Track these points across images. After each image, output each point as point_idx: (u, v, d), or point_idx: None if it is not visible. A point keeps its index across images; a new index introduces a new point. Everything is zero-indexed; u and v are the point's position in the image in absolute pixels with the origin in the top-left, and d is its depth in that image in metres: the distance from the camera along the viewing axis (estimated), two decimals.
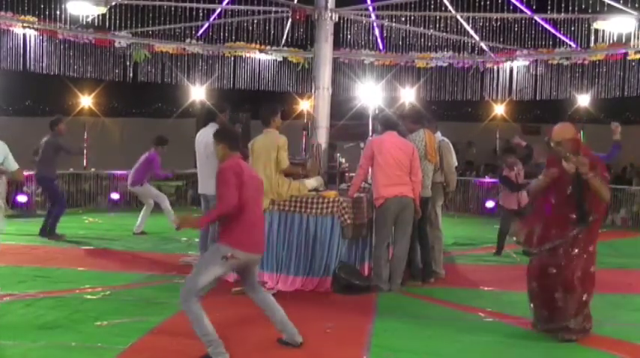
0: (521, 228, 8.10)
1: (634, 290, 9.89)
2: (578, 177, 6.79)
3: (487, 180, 20.89)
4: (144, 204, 14.28)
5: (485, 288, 9.68)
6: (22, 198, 17.61)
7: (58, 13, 14.81)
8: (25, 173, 15.58)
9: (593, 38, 15.45)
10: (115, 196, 19.34)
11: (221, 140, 6.52)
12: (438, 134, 10.56)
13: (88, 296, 8.62)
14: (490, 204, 19.85)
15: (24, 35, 14.82)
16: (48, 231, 13.34)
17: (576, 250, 6.99)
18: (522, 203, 12.22)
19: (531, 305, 7.38)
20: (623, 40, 15.12)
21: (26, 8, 14.53)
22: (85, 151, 13.91)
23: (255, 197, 6.46)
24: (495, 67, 16.98)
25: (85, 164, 20.30)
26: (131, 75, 16.63)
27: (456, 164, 10.71)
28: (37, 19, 14.73)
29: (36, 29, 14.84)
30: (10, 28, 14.60)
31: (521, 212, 12.05)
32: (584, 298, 7.01)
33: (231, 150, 6.45)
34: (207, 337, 6.08)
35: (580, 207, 6.90)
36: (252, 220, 6.34)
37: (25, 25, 14.68)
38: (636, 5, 13.74)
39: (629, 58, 15.14)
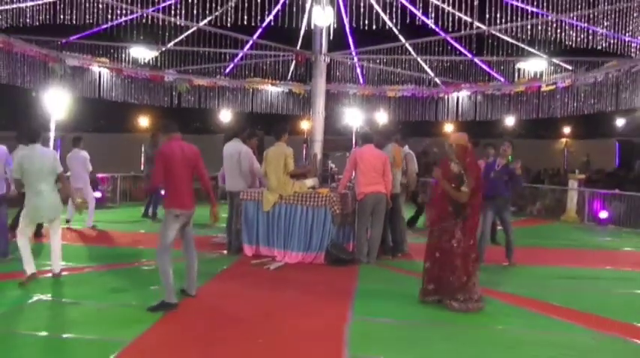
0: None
1: (543, 262, 9.85)
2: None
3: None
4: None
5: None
6: (97, 194, 17.46)
7: (123, 55, 14.81)
8: (101, 175, 15.63)
9: (516, 75, 15.49)
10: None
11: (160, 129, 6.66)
12: (406, 147, 10.51)
13: (145, 268, 8.56)
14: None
15: (99, 72, 14.78)
16: (151, 214, 13.79)
17: (455, 239, 6.52)
18: None
19: (423, 279, 6.87)
20: (538, 76, 15.17)
21: (101, 52, 14.55)
22: None
23: (180, 170, 6.36)
24: (446, 96, 16.95)
25: (142, 168, 20.20)
26: (176, 102, 16.59)
27: (417, 170, 10.64)
28: (108, 60, 14.70)
29: (107, 67, 14.80)
30: (90, 67, 14.56)
31: None
32: (464, 279, 6.49)
33: (165, 133, 6.54)
34: (167, 286, 6.23)
35: (454, 203, 6.55)
36: (179, 188, 6.36)
37: (99, 64, 14.64)
38: (546, 50, 13.79)
39: (542, 89, 15.18)
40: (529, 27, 12.87)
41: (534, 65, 15.00)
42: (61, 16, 12.16)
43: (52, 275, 7.53)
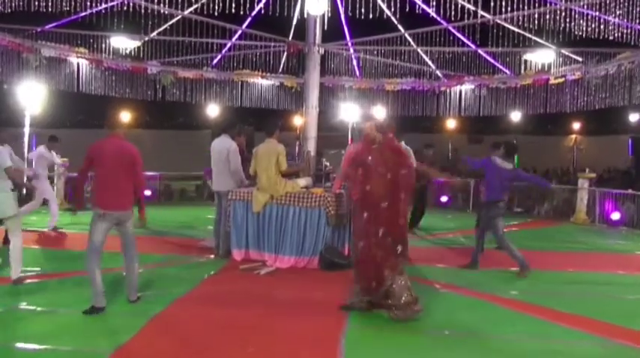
0: None
1: (552, 267, 9.87)
2: None
3: (441, 180, 20.83)
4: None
5: (440, 265, 9.64)
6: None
7: (103, 46, 14.79)
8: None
9: (523, 67, 15.53)
10: (147, 192, 19.17)
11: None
12: (403, 143, 10.51)
13: (125, 273, 8.52)
14: (444, 198, 19.83)
15: (77, 63, 14.76)
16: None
17: (381, 245, 6.40)
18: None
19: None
20: (546, 69, 15.20)
21: (79, 42, 14.51)
22: None
23: (111, 168, 6.44)
24: (448, 90, 17.01)
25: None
26: (160, 95, 16.59)
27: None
28: (87, 51, 14.67)
29: (86, 58, 14.79)
30: (67, 58, 14.54)
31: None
32: (394, 286, 6.32)
33: (107, 128, 6.65)
34: (94, 289, 6.37)
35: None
36: (107, 186, 6.44)
37: (78, 55, 14.62)
38: (555, 41, 13.81)
39: (550, 82, 15.23)
40: (536, 16, 12.90)
41: (542, 56, 15.04)
42: (36, 3, 12.11)
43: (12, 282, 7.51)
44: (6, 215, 7.59)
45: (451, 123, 31.75)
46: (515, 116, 27.03)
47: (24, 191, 12.12)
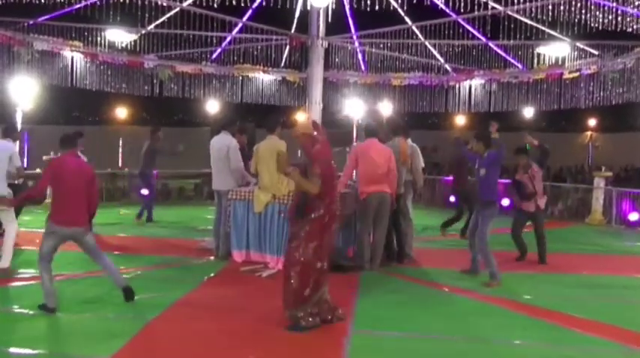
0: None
1: (566, 270, 9.86)
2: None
3: (450, 178, 20.79)
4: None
5: (448, 268, 9.63)
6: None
7: (98, 39, 14.79)
8: None
9: (535, 61, 15.50)
10: (144, 192, 19.16)
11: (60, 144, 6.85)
12: (409, 140, 10.50)
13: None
14: (452, 198, 19.77)
15: (71, 57, 14.77)
16: (145, 216, 13.75)
17: (295, 244, 6.15)
18: (542, 204, 10.23)
19: None
20: (560, 63, 15.17)
21: (73, 35, 14.51)
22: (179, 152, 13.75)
23: (73, 185, 6.65)
24: (457, 85, 16.99)
25: (120, 165, 20.23)
26: (157, 91, 16.61)
27: (423, 165, 10.65)
28: (81, 44, 14.68)
29: (81, 52, 14.80)
30: (61, 51, 14.55)
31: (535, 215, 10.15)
32: (305, 293, 6.05)
33: (62, 149, 6.84)
34: (44, 290, 6.57)
35: (297, 201, 6.32)
36: (65, 203, 6.64)
37: (72, 48, 14.63)
38: (569, 34, 13.76)
39: (564, 77, 15.20)
40: (550, 7, 12.85)
41: (556, 50, 15.01)
42: None
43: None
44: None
45: (460, 120, 31.77)
46: (528, 112, 27.02)
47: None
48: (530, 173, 9.96)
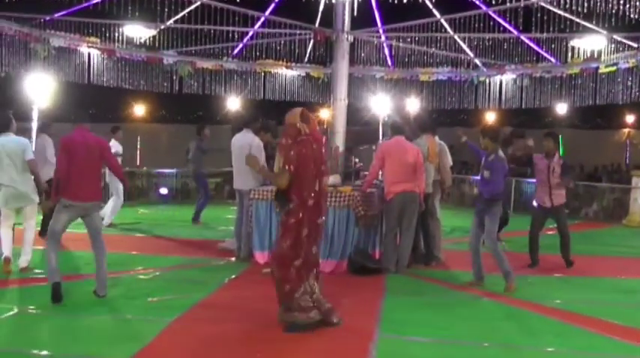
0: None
1: (601, 273, 9.78)
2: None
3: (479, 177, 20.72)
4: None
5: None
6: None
7: (116, 35, 14.88)
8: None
9: (570, 54, 15.36)
10: (163, 191, 19.36)
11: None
12: (436, 138, 10.47)
13: (141, 276, 8.64)
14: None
15: (88, 54, 14.90)
16: (194, 216, 14.08)
17: (279, 236, 6.27)
18: (557, 200, 9.73)
19: None
20: (595, 56, 15.02)
21: (90, 31, 14.61)
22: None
23: (83, 161, 7.05)
24: (487, 80, 16.90)
25: (138, 163, 20.38)
26: (177, 87, 16.69)
27: (451, 164, 10.61)
28: (98, 40, 14.79)
29: (98, 48, 14.92)
30: (77, 48, 14.68)
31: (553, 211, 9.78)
32: (286, 288, 6.12)
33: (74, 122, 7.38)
34: (49, 268, 6.99)
35: (276, 193, 6.37)
36: (79, 178, 6.98)
37: (89, 45, 14.75)
38: (606, 25, 13.61)
39: (600, 71, 15.05)
40: None
41: (592, 43, 14.84)
42: None
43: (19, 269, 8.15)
44: (24, 204, 8.49)
45: (490, 116, 31.57)
46: (561, 108, 26.72)
47: None
48: (552, 163, 9.58)
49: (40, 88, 12.49)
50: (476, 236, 8.46)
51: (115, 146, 13.21)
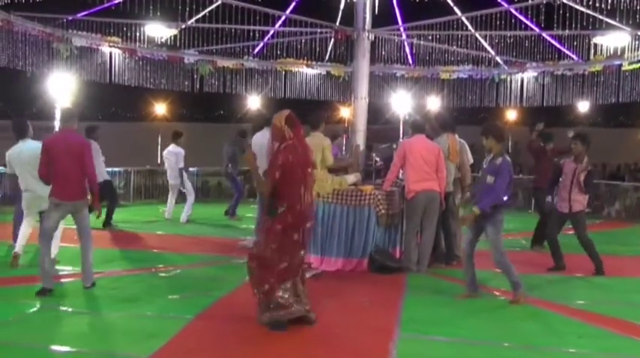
0: None
1: (625, 273, 9.69)
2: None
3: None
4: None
5: (499, 271, 9.52)
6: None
7: (137, 34, 14.94)
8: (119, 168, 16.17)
9: (592, 51, 15.23)
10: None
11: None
12: (456, 136, 10.42)
13: (162, 274, 8.69)
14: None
15: (110, 53, 14.98)
16: (230, 212, 15.08)
17: (262, 239, 6.22)
18: (576, 206, 9.30)
19: None
20: (619, 53, 14.89)
21: (112, 30, 14.69)
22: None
23: (64, 161, 7.28)
24: (508, 78, 16.80)
25: (159, 162, 20.47)
26: (198, 86, 16.73)
27: (471, 161, 10.56)
28: (120, 40, 14.87)
29: (119, 48, 14.99)
30: (99, 47, 14.76)
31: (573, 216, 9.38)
32: (265, 288, 6.02)
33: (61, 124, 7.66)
34: (44, 272, 7.24)
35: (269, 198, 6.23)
36: (63, 179, 7.27)
37: (110, 44, 14.82)
38: (630, 22, 13.48)
39: (623, 68, 14.92)
40: None
41: (615, 40, 14.70)
42: None
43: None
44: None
45: (511, 115, 31.39)
46: (583, 106, 26.51)
47: None
48: (578, 169, 9.18)
49: (62, 88, 12.64)
50: (470, 243, 7.73)
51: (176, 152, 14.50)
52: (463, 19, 15.28)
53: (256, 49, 16.79)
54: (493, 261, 7.60)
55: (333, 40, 15.51)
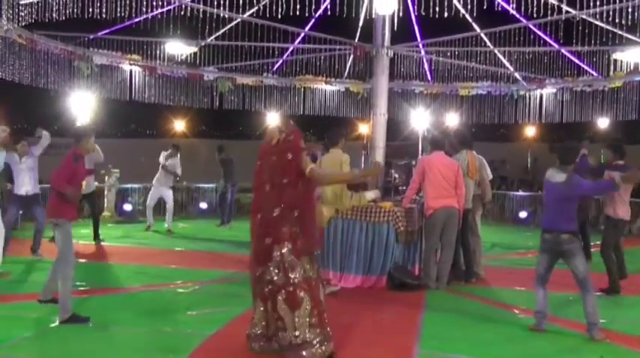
0: None
1: None
2: None
3: (520, 193, 20.60)
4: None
5: (519, 288, 9.44)
6: (127, 207, 17.87)
7: (157, 52, 15.07)
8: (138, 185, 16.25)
9: (612, 67, 15.14)
10: (203, 205, 19.49)
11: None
12: (473, 152, 10.36)
13: (180, 290, 8.68)
14: (523, 214, 19.46)
15: (130, 71, 15.10)
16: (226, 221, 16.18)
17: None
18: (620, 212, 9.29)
19: None
20: (639, 69, 14.80)
21: (132, 48, 14.82)
22: None
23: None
24: (527, 94, 16.74)
25: (178, 178, 20.51)
26: (217, 103, 16.82)
27: (491, 177, 10.50)
28: (140, 57, 14.99)
29: (139, 65, 15.12)
30: (119, 65, 14.89)
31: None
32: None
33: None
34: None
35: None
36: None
37: (131, 62, 14.95)
38: None
39: None
40: (629, 9, 12.50)
41: (635, 55, 14.59)
42: (90, 10, 12.41)
43: None
44: None
45: (530, 131, 31.26)
46: (602, 123, 26.33)
47: None
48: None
49: (83, 105, 12.75)
50: (542, 278, 7.14)
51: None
52: (482, 35, 15.26)
53: (275, 66, 16.87)
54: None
55: (352, 56, 15.56)
